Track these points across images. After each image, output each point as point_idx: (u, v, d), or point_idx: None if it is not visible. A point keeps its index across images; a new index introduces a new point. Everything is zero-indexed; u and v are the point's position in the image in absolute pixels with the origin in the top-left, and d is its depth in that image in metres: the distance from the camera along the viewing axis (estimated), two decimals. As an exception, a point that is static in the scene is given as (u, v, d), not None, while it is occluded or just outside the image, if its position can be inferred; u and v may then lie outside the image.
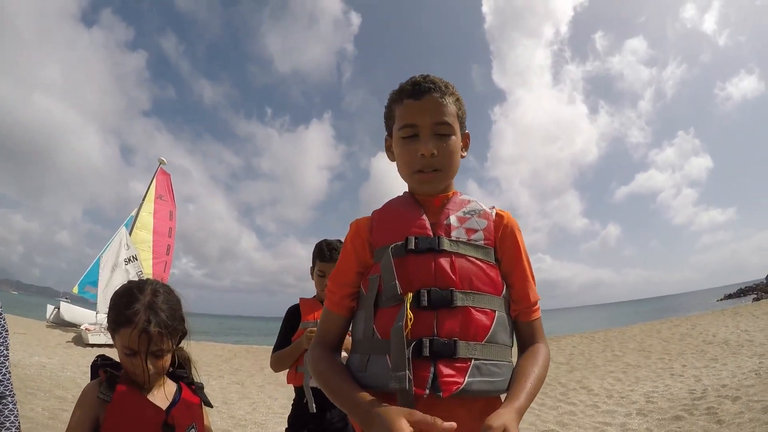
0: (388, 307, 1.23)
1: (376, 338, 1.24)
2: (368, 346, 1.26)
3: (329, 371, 1.29)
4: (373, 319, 1.26)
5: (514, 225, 1.39)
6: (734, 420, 5.34)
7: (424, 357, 1.15)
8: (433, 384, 1.13)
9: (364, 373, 1.24)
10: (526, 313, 1.35)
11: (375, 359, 1.23)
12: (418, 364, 1.15)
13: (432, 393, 1.13)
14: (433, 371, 1.14)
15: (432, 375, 1.14)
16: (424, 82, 1.34)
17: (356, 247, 1.38)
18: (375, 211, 1.45)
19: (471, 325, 1.20)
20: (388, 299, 1.23)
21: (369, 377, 1.23)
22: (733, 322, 15.61)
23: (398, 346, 1.12)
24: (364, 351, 1.27)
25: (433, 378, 1.14)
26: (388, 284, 1.22)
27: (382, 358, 1.20)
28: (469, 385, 1.15)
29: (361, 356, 1.28)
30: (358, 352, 1.30)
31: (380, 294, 1.26)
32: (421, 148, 1.31)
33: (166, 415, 1.58)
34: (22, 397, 6.65)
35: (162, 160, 23.60)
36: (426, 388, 1.13)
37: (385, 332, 1.20)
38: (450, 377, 1.14)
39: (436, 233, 1.30)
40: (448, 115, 1.35)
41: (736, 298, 42.75)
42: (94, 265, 20.60)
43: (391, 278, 1.21)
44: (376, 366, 1.22)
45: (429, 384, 1.13)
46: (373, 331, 1.25)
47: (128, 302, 1.58)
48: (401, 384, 1.09)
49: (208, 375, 11.96)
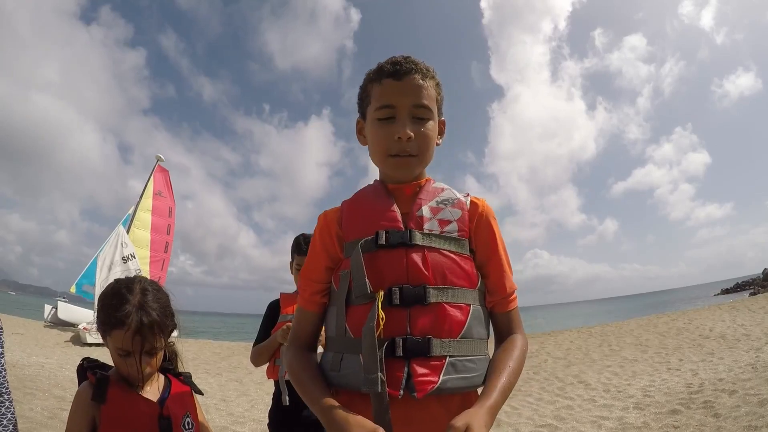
0: (359, 305, 1.20)
1: (348, 336, 1.21)
2: (341, 345, 1.23)
3: (301, 372, 1.26)
4: (345, 317, 1.23)
5: (490, 213, 1.34)
6: (731, 413, 5.36)
7: (398, 357, 1.12)
8: (407, 384, 1.11)
9: (338, 372, 1.21)
10: (502, 303, 1.32)
11: (348, 358, 1.20)
12: (391, 364, 1.12)
13: (406, 394, 1.11)
14: (407, 371, 1.12)
15: (406, 375, 1.11)
16: (406, 62, 1.28)
17: (325, 242, 1.34)
18: (344, 201, 1.40)
19: (445, 321, 1.17)
20: (358, 297, 1.19)
21: (342, 377, 1.20)
22: (730, 317, 15.65)
23: (370, 347, 1.09)
24: (337, 349, 1.24)
25: (407, 378, 1.11)
26: (359, 282, 1.18)
27: (355, 357, 1.17)
28: (444, 383, 1.13)
29: (335, 355, 1.25)
30: (332, 350, 1.27)
31: (351, 291, 1.22)
32: (399, 131, 1.25)
33: (160, 407, 1.59)
34: (21, 397, 6.65)
35: (159, 157, 23.53)
36: (400, 389, 1.10)
37: (358, 330, 1.16)
38: (424, 376, 1.12)
39: (407, 226, 1.25)
40: (427, 98, 1.29)
41: (732, 293, 42.85)
42: (91, 265, 20.53)
43: (361, 276, 1.17)
44: (349, 365, 1.19)
45: (403, 385, 1.11)
46: (346, 329, 1.22)
47: (118, 303, 1.57)
48: (373, 387, 1.06)
49: (206, 372, 11.96)
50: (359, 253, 1.19)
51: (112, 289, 1.64)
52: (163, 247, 23.02)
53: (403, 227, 1.25)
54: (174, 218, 24.05)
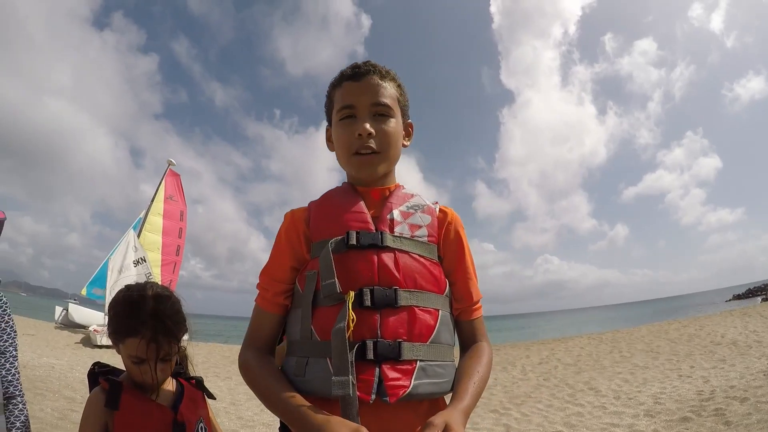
0: (327, 306, 1.16)
1: (314, 340, 1.17)
2: (306, 349, 1.18)
3: (262, 374, 1.21)
4: (311, 319, 1.18)
5: (458, 222, 1.36)
6: (742, 421, 5.30)
7: (368, 360, 1.10)
8: (378, 389, 1.08)
9: (303, 377, 1.16)
10: (468, 311, 1.32)
11: (314, 362, 1.15)
12: (361, 367, 1.09)
13: (378, 398, 1.08)
14: (378, 375, 1.09)
15: (377, 379, 1.09)
16: (365, 65, 1.33)
17: (291, 240, 1.31)
18: (312, 202, 1.38)
19: (416, 325, 1.16)
20: (327, 298, 1.15)
21: (308, 382, 1.15)
22: (742, 323, 15.50)
23: (340, 348, 1.05)
24: (302, 353, 1.19)
25: (378, 382, 1.09)
26: (327, 282, 1.14)
27: (321, 361, 1.13)
28: (416, 388, 1.11)
29: (299, 359, 1.19)
30: (295, 355, 1.21)
31: (318, 292, 1.18)
32: (359, 128, 1.27)
33: (174, 413, 1.57)
34: (32, 398, 6.70)
35: (171, 161, 23.68)
36: (371, 394, 1.08)
37: (325, 333, 1.13)
38: (396, 380, 1.09)
39: (378, 228, 1.24)
40: (387, 97, 1.31)
41: (744, 299, 42.44)
42: (102, 267, 20.69)
43: (331, 275, 1.14)
44: (315, 370, 1.14)
45: (374, 389, 1.08)
46: (311, 331, 1.17)
47: (132, 311, 1.54)
48: (345, 390, 1.01)
49: (216, 376, 11.99)
50: (329, 253, 1.16)
51: (124, 297, 1.60)
52: (175, 250, 23.14)
53: (374, 229, 1.24)
54: (186, 222, 24.20)
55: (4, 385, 1.80)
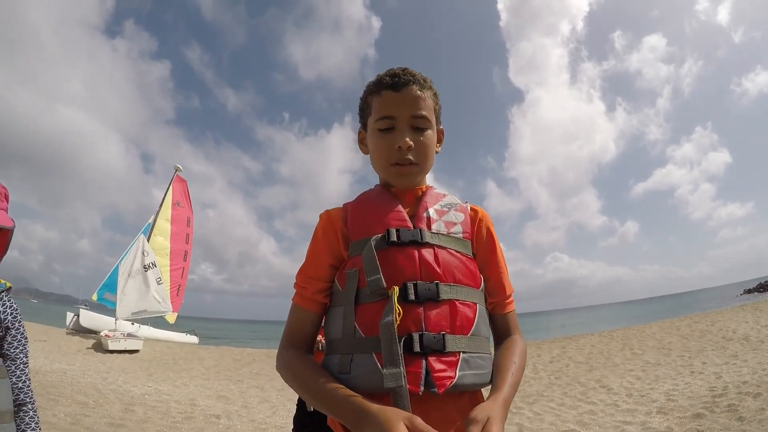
0: (370, 303, 1.18)
1: (359, 336, 1.17)
2: (350, 346, 1.19)
3: (307, 372, 1.20)
4: (354, 316, 1.19)
5: (488, 220, 1.39)
6: (755, 417, 5.27)
7: (415, 353, 1.11)
8: (426, 380, 1.10)
9: (348, 374, 1.16)
10: (501, 305, 1.35)
11: (359, 359, 1.16)
12: (408, 360, 1.10)
13: (426, 390, 1.09)
14: (425, 367, 1.10)
15: (424, 371, 1.10)
16: (404, 74, 1.32)
17: (329, 238, 1.32)
18: (346, 203, 1.40)
19: (457, 318, 1.18)
20: (371, 294, 1.17)
21: (354, 378, 1.15)
22: (753, 318, 15.39)
23: (389, 341, 1.07)
24: (345, 351, 1.19)
25: (426, 374, 1.10)
26: (372, 278, 1.16)
27: (367, 357, 1.14)
28: (461, 378, 1.12)
29: (342, 357, 1.20)
30: (338, 353, 1.22)
31: (361, 289, 1.20)
32: (399, 140, 1.29)
33: None
34: (44, 403, 6.76)
35: (178, 167, 23.80)
36: (420, 385, 1.09)
37: (369, 329, 1.15)
38: (442, 372, 1.11)
39: (416, 225, 1.27)
40: (426, 109, 1.32)
41: (756, 293, 42.12)
42: (112, 273, 20.83)
43: (375, 271, 1.16)
44: (361, 366, 1.15)
45: (423, 381, 1.09)
46: (355, 328, 1.18)
47: None
48: (397, 382, 1.03)
49: (227, 379, 12.04)
50: (372, 249, 1.19)
51: None
52: (182, 256, 23.27)
53: (412, 226, 1.27)
54: (192, 228, 24.33)
55: (14, 391, 1.81)
